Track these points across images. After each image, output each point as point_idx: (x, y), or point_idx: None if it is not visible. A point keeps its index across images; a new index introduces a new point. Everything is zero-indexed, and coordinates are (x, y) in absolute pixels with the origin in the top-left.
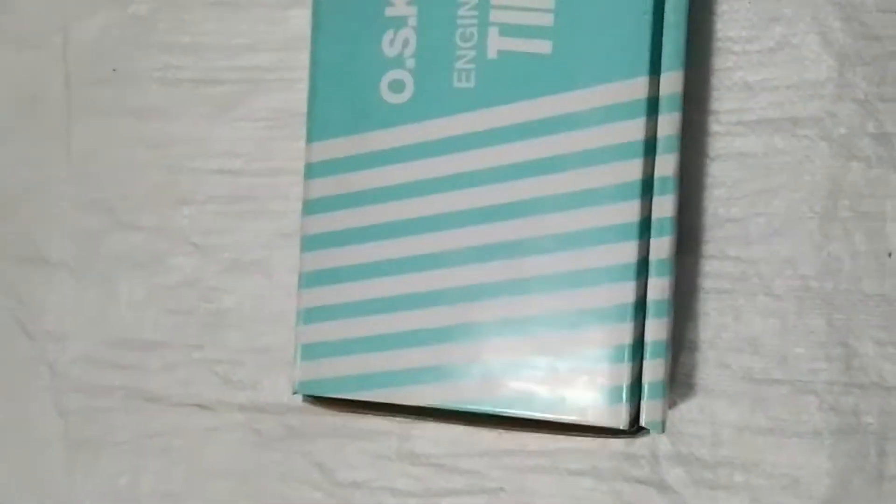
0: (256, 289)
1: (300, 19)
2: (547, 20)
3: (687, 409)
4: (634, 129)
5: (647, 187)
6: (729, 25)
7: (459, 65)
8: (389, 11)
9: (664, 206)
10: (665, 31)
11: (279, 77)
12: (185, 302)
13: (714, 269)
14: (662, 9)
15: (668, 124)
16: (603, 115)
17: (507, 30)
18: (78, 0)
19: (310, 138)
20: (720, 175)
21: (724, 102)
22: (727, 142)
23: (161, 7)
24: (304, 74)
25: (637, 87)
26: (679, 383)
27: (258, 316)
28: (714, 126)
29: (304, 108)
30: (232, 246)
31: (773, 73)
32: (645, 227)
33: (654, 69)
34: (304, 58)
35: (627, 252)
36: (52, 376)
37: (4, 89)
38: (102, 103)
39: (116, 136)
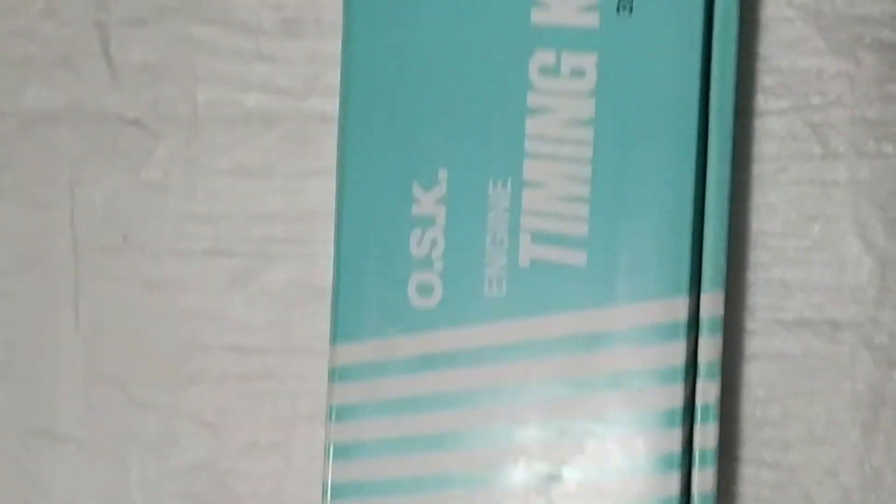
0: (273, 473)
1: (318, 189)
2: (582, 230)
3: None
4: (673, 352)
5: (686, 414)
6: (765, 220)
7: (490, 271)
8: (416, 210)
9: (707, 436)
10: (707, 241)
11: (296, 250)
12: (198, 485)
13: (752, 476)
14: (703, 218)
15: (710, 348)
16: (640, 335)
17: (540, 237)
18: (87, 161)
19: (334, 339)
20: (757, 376)
21: (760, 299)
22: (763, 341)
23: (174, 173)
24: (321, 248)
25: (677, 307)
26: None
27: (276, 502)
28: (749, 324)
29: (322, 282)
30: (248, 427)
31: (812, 272)
32: (686, 459)
33: (694, 288)
34: (321, 229)
35: (669, 485)
36: None
37: (10, 249)
38: (112, 272)
39: (127, 307)
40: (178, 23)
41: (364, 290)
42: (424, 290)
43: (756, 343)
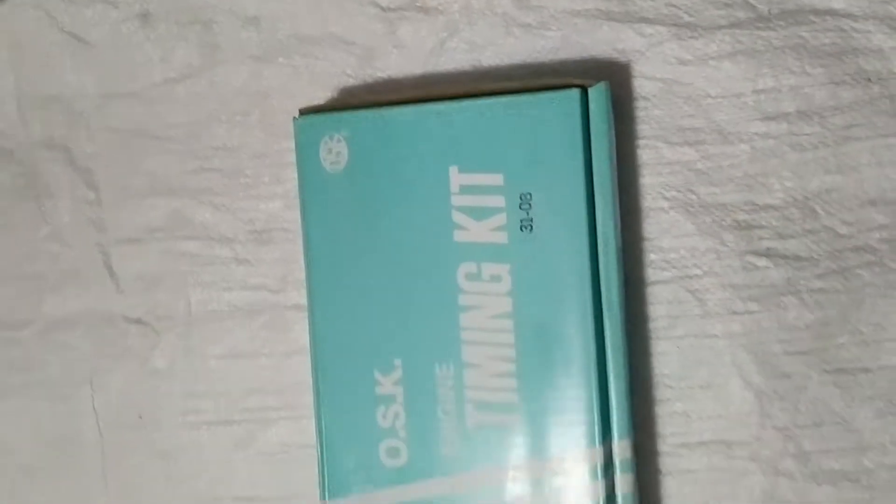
0: None
1: (299, 365)
2: (513, 398)
3: None
4: (594, 490)
5: None
6: (663, 365)
7: (444, 434)
8: (379, 390)
9: None
10: (612, 397)
11: (285, 415)
12: None
13: None
14: (607, 378)
15: (625, 483)
16: (566, 478)
17: (481, 406)
18: (101, 356)
19: (324, 496)
20: (672, 488)
21: (667, 427)
22: (674, 461)
23: (176, 361)
24: (307, 412)
25: (594, 455)
26: None
27: None
28: (662, 446)
29: (309, 441)
30: None
31: (705, 405)
32: None
33: (606, 437)
34: (306, 398)
35: None
36: None
37: (41, 436)
38: (133, 445)
39: (148, 473)
40: (168, 240)
41: (345, 456)
42: (393, 453)
43: (668, 463)
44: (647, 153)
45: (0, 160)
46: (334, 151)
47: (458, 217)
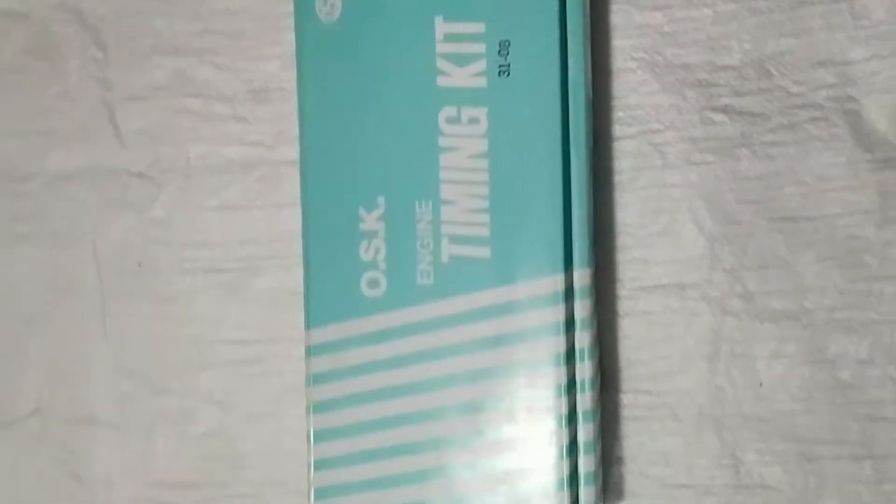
0: (270, 435)
1: (289, 218)
2: (485, 232)
3: None
4: (556, 313)
5: (569, 356)
6: (626, 215)
7: (420, 267)
8: (363, 226)
9: (585, 370)
10: (574, 233)
11: (276, 264)
12: (211, 449)
13: (631, 401)
14: (570, 215)
15: (583, 308)
16: (533, 303)
17: (455, 239)
18: (103, 207)
19: (307, 325)
20: (629, 328)
21: (627, 272)
22: (632, 303)
23: (175, 212)
24: (296, 261)
25: (557, 281)
26: (610, 491)
27: (273, 456)
28: (621, 291)
29: (297, 288)
30: (247, 401)
31: (662, 250)
32: (572, 385)
33: (568, 267)
34: (294, 248)
35: (560, 408)
36: None
37: (42, 283)
38: (131, 291)
39: (145, 317)
40: (171, 98)
41: (327, 287)
42: (373, 284)
43: (627, 305)
44: (619, 17)
45: (17, 22)
46: (329, 2)
47: (441, 64)
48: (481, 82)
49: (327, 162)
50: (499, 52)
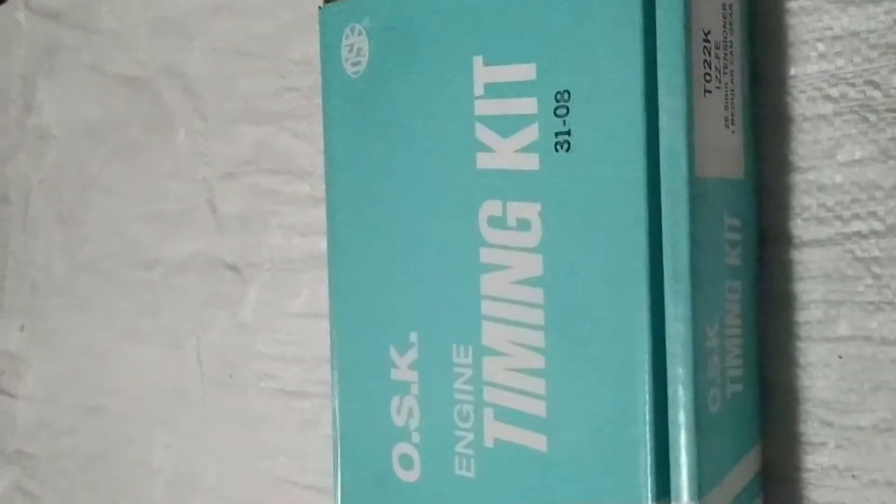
0: None
1: None
2: (539, 408)
3: None
4: None
5: None
6: (816, 393)
7: (459, 447)
8: (395, 374)
9: None
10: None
11: None
12: None
13: None
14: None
15: None
16: None
17: (502, 413)
18: (206, 303)
19: None
20: None
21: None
22: None
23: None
24: None
25: None
26: None
27: None
28: None
29: None
30: None
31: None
32: None
33: (662, 497)
34: None
35: None
36: None
37: (159, 383)
38: (225, 407)
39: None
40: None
41: (359, 463)
42: (406, 462)
43: None
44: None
45: (139, 91)
46: (355, 49)
47: (481, 133)
48: (531, 162)
49: (357, 282)
50: (555, 110)
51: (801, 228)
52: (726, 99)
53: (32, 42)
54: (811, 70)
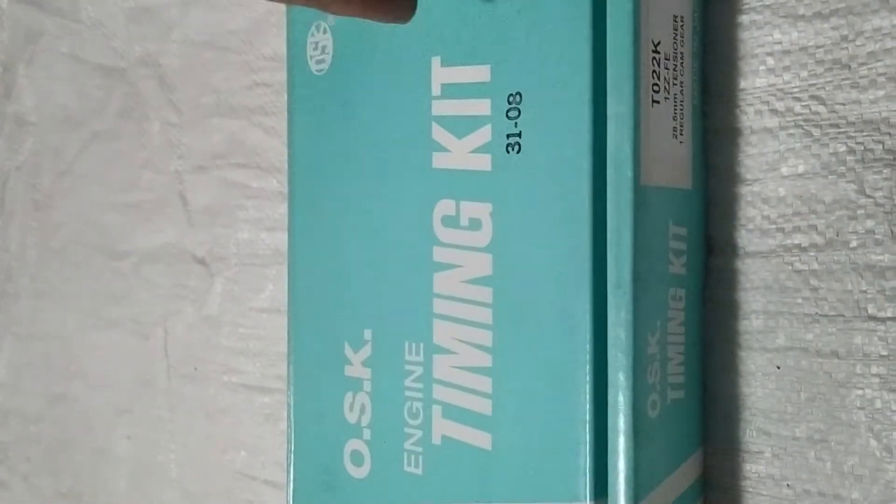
0: None
1: None
2: (485, 406)
3: None
4: None
5: None
6: (752, 398)
7: (408, 444)
8: (348, 371)
9: None
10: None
11: None
12: None
13: None
14: (605, 402)
15: None
16: None
17: (449, 412)
18: (174, 295)
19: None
20: None
21: None
22: None
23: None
24: None
25: None
26: None
27: None
28: None
29: None
30: None
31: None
32: None
33: (599, 495)
34: None
35: None
36: None
37: (125, 373)
38: (191, 399)
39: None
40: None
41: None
42: (357, 459)
43: None
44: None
45: (117, 80)
46: (320, 46)
47: (437, 133)
48: (484, 163)
49: (316, 278)
50: (507, 112)
51: (745, 239)
52: (675, 110)
53: (14, 28)
54: (759, 83)
